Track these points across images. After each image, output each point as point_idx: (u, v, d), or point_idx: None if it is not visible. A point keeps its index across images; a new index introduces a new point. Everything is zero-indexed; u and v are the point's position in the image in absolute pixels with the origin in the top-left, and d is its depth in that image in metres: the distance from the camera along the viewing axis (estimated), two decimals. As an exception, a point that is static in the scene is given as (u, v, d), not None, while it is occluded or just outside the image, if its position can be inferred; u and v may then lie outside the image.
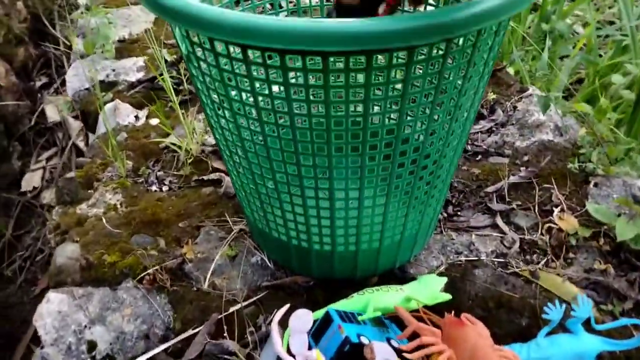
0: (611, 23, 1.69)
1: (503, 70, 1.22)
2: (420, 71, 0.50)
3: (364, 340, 0.56)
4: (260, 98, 0.51)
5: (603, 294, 0.71)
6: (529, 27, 1.60)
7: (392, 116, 0.78)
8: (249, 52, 0.48)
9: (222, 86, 0.53)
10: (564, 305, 0.62)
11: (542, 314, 0.63)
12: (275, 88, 0.52)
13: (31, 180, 1.56)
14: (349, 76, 0.47)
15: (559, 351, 0.60)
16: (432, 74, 0.51)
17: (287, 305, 0.62)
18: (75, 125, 1.44)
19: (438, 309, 0.65)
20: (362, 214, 0.62)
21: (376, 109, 0.54)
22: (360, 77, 0.49)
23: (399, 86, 0.50)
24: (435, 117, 0.55)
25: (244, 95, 0.53)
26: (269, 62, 0.47)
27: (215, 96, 0.55)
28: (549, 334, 0.62)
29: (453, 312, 0.61)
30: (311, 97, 0.50)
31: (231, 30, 0.43)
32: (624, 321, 0.62)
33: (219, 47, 0.49)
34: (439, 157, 0.61)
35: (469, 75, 0.53)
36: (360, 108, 0.50)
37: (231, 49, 0.49)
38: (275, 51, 0.46)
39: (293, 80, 0.50)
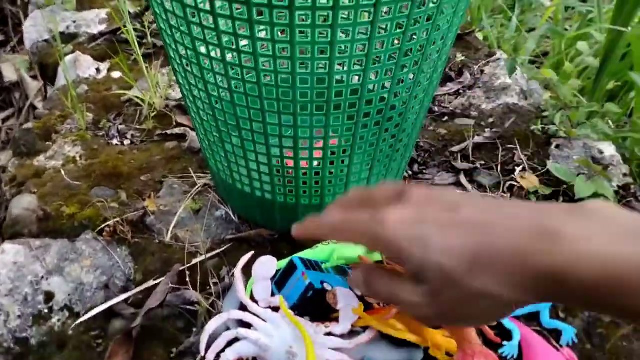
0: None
1: (472, 34, 1.23)
2: (388, 15, 0.49)
3: (327, 286, 0.57)
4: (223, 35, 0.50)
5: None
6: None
7: (358, 62, 0.77)
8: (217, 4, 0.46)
9: (190, 41, 0.51)
10: None
11: None
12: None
13: (-15, 141, 1.51)
14: (316, 15, 0.46)
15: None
16: (400, 18, 0.50)
17: (251, 253, 0.62)
18: (33, 85, 1.38)
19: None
20: (326, 165, 0.61)
21: (342, 54, 0.53)
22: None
23: (366, 29, 0.49)
24: (402, 65, 0.54)
25: (211, 51, 0.51)
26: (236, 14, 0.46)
27: (180, 41, 0.54)
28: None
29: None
30: (278, 53, 0.49)
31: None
32: None
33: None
34: (405, 110, 0.60)
35: (437, 23, 0.52)
36: (326, 53, 0.49)
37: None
38: (242, 4, 0.44)
39: (259, 18, 0.48)
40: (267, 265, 0.57)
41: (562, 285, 0.25)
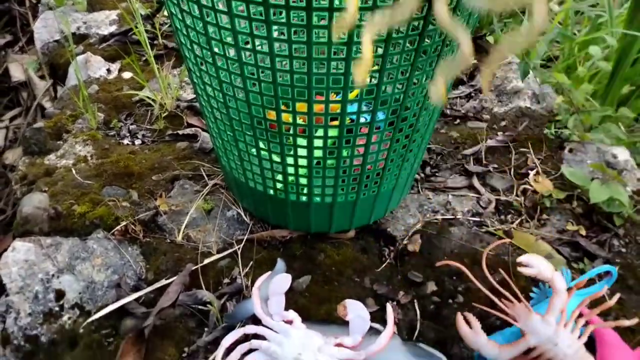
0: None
1: (483, 38, 1.22)
2: (402, 32, 0.49)
3: None
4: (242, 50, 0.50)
5: (574, 254, 0.72)
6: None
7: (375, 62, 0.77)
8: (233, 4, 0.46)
9: (206, 41, 0.51)
10: (546, 284, 0.64)
11: (530, 293, 0.64)
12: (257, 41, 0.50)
13: (-7, 140, 1.51)
14: (333, 16, 0.46)
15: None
16: (413, 35, 0.50)
17: (269, 273, 0.63)
18: (41, 85, 1.39)
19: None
20: (341, 164, 0.61)
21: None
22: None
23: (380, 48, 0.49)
24: (417, 66, 0.54)
25: (227, 50, 0.51)
26: (253, 15, 0.46)
27: (196, 40, 0.53)
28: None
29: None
30: (294, 53, 0.48)
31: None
32: (597, 270, 0.63)
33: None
34: (419, 109, 0.60)
35: (448, 40, 0.52)
36: (343, 54, 0.49)
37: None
38: (259, 4, 0.44)
39: (277, 35, 0.48)
40: (282, 282, 0.59)
41: None
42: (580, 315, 0.57)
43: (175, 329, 0.62)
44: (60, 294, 0.66)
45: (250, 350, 0.55)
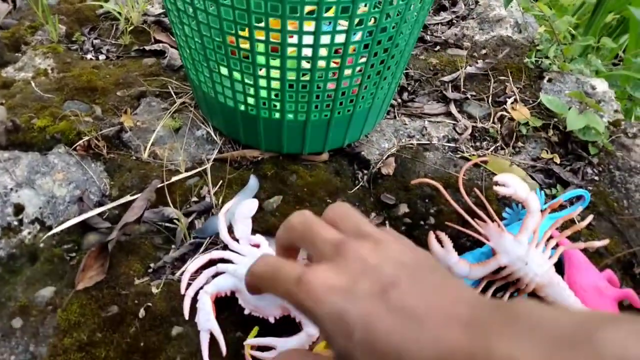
0: None
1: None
2: None
3: None
4: None
5: (548, 181, 0.72)
6: None
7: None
8: None
9: None
10: (520, 206, 0.63)
11: (503, 213, 0.64)
12: None
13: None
14: None
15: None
16: None
17: (237, 198, 0.61)
18: (2, 7, 1.30)
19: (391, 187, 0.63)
20: (315, 76, 0.58)
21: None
22: None
23: None
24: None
25: None
26: None
27: None
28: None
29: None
30: None
31: None
32: (571, 193, 0.63)
33: None
34: (400, 21, 0.57)
35: None
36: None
37: None
38: None
39: None
40: (249, 206, 0.57)
41: None
42: (551, 238, 0.57)
43: (140, 245, 0.60)
44: (19, 208, 0.63)
45: (217, 274, 0.54)
